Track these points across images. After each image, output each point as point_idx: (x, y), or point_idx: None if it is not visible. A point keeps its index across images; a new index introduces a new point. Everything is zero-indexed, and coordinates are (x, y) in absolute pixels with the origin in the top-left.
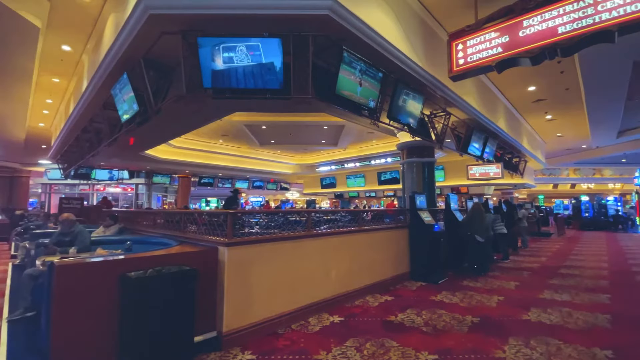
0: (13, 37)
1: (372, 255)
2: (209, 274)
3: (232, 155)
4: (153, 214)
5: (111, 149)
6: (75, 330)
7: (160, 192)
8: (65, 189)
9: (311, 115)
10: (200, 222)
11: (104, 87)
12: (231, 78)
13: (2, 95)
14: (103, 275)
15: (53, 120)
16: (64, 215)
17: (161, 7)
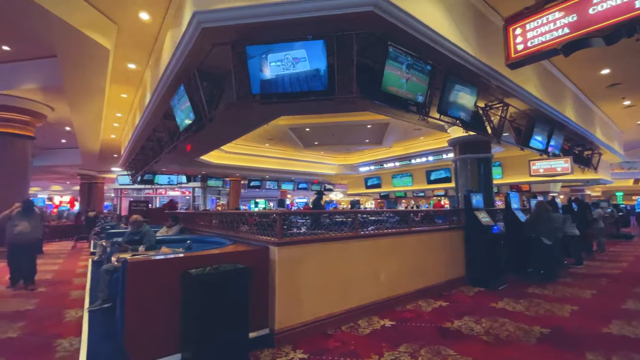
0: (88, 59)
1: (423, 258)
2: (261, 273)
3: (278, 158)
4: (209, 215)
5: (171, 156)
6: (145, 320)
7: (214, 194)
8: (132, 193)
9: (354, 114)
10: (250, 223)
11: (164, 99)
12: (277, 83)
13: (81, 111)
14: (167, 271)
15: (122, 132)
16: (133, 216)
17: (212, 20)
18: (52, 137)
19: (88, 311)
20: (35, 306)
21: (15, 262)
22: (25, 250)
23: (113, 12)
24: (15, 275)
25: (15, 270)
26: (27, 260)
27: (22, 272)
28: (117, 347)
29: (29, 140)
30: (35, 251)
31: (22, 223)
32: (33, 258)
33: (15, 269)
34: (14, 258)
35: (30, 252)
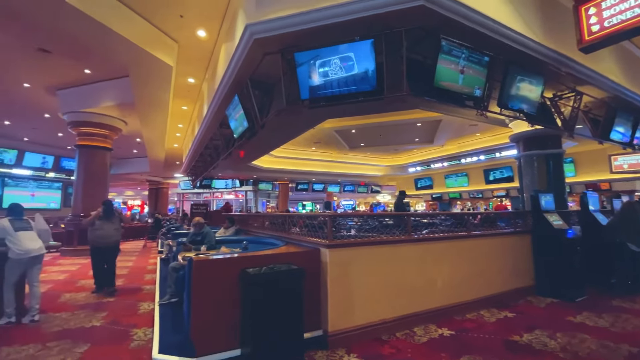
0: (154, 77)
1: (485, 264)
2: (313, 274)
3: (324, 161)
4: (262, 217)
5: (226, 162)
6: (209, 316)
7: (264, 197)
8: (192, 196)
9: (403, 113)
10: (299, 224)
11: (220, 109)
12: (326, 87)
13: (148, 124)
14: (228, 270)
15: (183, 141)
16: (195, 218)
17: (263, 31)
18: (126, 148)
19: (159, 305)
20: (114, 299)
21: (98, 265)
22: (107, 253)
23: (175, 32)
24: (99, 279)
25: (99, 275)
26: (109, 264)
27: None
28: (184, 339)
29: (108, 152)
30: (116, 254)
31: (104, 226)
32: (114, 261)
33: (98, 273)
34: (97, 261)
35: (111, 255)
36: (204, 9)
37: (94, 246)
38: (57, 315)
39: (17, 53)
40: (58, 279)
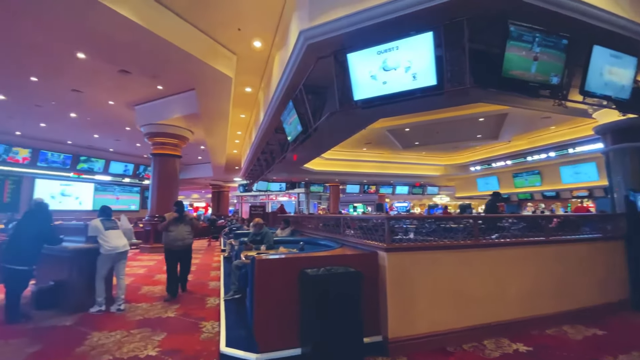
0: (216, 88)
1: (566, 273)
2: (371, 278)
3: (376, 162)
4: (316, 219)
5: (281, 165)
6: (270, 313)
7: (316, 199)
8: (250, 199)
9: (462, 108)
10: (353, 226)
11: (275, 116)
12: (380, 86)
13: (212, 132)
14: (287, 269)
15: (241, 147)
16: (255, 219)
17: (316, 35)
18: (192, 155)
19: (224, 300)
20: (186, 293)
21: (172, 268)
22: (181, 256)
23: (234, 45)
24: (172, 286)
25: (172, 280)
26: (183, 266)
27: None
28: (248, 334)
29: (177, 159)
30: (189, 256)
31: (176, 228)
32: (188, 264)
33: (172, 278)
34: (170, 264)
35: (185, 258)
36: (260, 21)
37: (168, 249)
38: (138, 306)
39: (104, 75)
40: (138, 273)
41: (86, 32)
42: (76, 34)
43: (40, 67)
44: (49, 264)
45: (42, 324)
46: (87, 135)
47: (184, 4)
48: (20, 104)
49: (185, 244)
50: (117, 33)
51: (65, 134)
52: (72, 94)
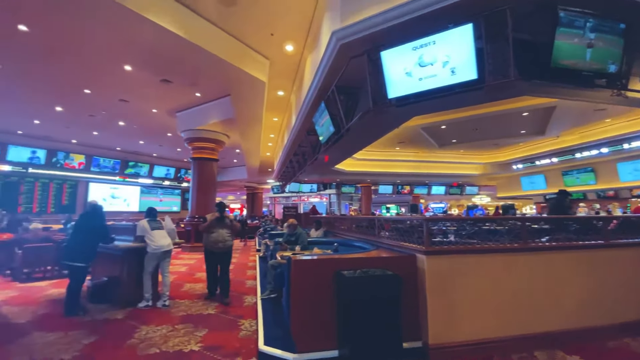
0: (250, 93)
1: (628, 280)
2: (409, 281)
3: (410, 161)
4: (349, 220)
5: (312, 167)
6: (307, 314)
7: (347, 200)
8: (282, 200)
9: (503, 102)
10: (387, 228)
11: (307, 118)
12: (415, 82)
13: (246, 136)
14: (323, 270)
15: (274, 150)
16: (289, 220)
17: (349, 35)
18: (228, 159)
19: (261, 299)
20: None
21: (212, 270)
22: (221, 258)
23: (266, 50)
24: (212, 285)
25: (212, 280)
26: (223, 269)
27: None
28: (285, 334)
29: (215, 162)
30: (229, 259)
31: (217, 229)
32: (227, 267)
33: (212, 279)
34: (210, 265)
35: (225, 260)
36: (292, 25)
37: (208, 250)
38: (181, 302)
39: (148, 85)
40: (180, 271)
41: (132, 45)
42: (124, 47)
43: (92, 80)
44: (102, 261)
45: (96, 317)
46: (133, 141)
47: (219, 13)
48: (75, 115)
49: (226, 246)
50: (159, 45)
51: (114, 141)
52: (120, 103)
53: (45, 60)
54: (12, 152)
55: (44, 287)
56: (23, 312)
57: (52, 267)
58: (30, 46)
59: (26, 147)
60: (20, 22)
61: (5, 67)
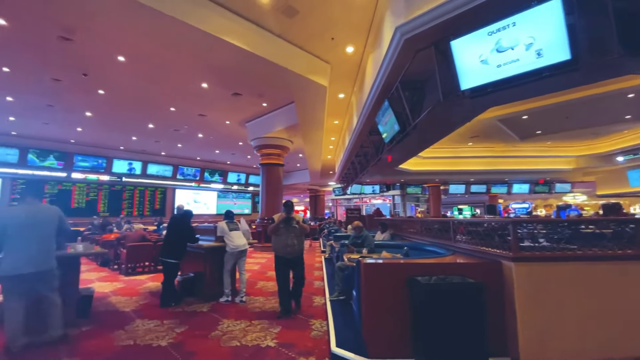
0: (313, 99)
1: None
2: (492, 290)
3: (485, 157)
4: (418, 222)
5: (375, 168)
6: (379, 319)
7: (413, 201)
8: (344, 202)
9: (602, 84)
10: (460, 231)
11: (369, 118)
12: (493, 70)
13: (308, 141)
14: (395, 275)
15: (335, 152)
16: (355, 222)
17: (413, 28)
18: (291, 163)
19: (330, 301)
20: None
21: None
22: (293, 265)
23: (327, 54)
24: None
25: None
26: (296, 277)
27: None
28: (356, 337)
29: (281, 167)
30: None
31: (286, 231)
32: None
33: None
34: (281, 273)
35: (297, 267)
36: (352, 26)
37: (278, 255)
38: (256, 299)
39: (221, 99)
40: (254, 269)
41: (209, 64)
42: (202, 67)
43: (177, 99)
44: (189, 258)
45: (185, 308)
46: (210, 151)
47: (282, 25)
48: (163, 130)
49: (296, 250)
50: (231, 61)
51: (195, 152)
52: (198, 118)
53: (140, 85)
54: (116, 164)
55: (144, 280)
56: (127, 301)
57: (149, 263)
58: (127, 74)
59: (125, 160)
60: (119, 54)
61: (108, 92)
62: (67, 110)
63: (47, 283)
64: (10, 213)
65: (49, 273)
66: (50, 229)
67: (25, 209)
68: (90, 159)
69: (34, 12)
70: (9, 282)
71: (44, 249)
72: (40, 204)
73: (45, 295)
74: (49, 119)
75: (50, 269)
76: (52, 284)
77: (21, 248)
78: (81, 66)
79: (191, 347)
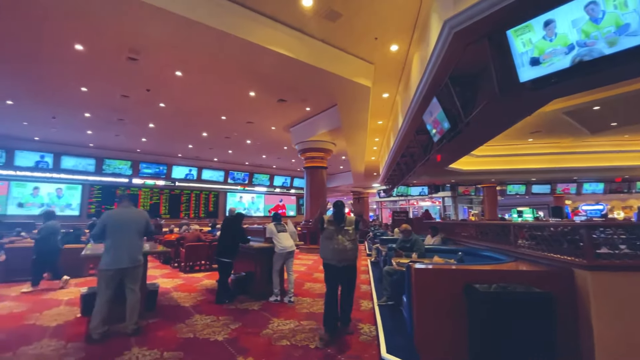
0: (356, 100)
1: None
2: (564, 302)
3: (548, 154)
4: (474, 226)
5: (422, 168)
6: (433, 326)
7: (465, 203)
8: (390, 204)
9: None
10: (522, 236)
11: (416, 116)
12: (558, 58)
13: (352, 142)
14: (449, 281)
15: (379, 154)
16: (403, 225)
17: (463, 21)
18: (334, 166)
19: (378, 305)
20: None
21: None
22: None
23: (371, 55)
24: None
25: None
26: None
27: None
28: (407, 344)
29: (324, 170)
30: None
31: (336, 235)
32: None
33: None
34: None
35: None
36: (396, 24)
37: (326, 263)
38: (304, 300)
39: (267, 106)
40: (300, 270)
41: (256, 73)
42: (249, 76)
43: (227, 108)
44: (241, 258)
45: (238, 306)
46: (258, 156)
47: (325, 29)
48: (215, 137)
49: (349, 258)
50: (276, 69)
51: (244, 157)
52: (247, 125)
53: (195, 97)
54: (175, 171)
55: (200, 277)
56: (187, 297)
57: (205, 262)
58: (184, 87)
59: (184, 167)
60: (177, 69)
61: (168, 105)
62: (134, 123)
63: (135, 277)
64: (111, 214)
65: (139, 268)
66: (140, 229)
67: (122, 211)
68: (153, 166)
69: (106, 37)
70: (108, 274)
71: (136, 247)
72: (133, 208)
73: (131, 288)
74: (120, 131)
75: (140, 264)
76: (139, 278)
77: (120, 245)
78: (145, 83)
79: (245, 343)
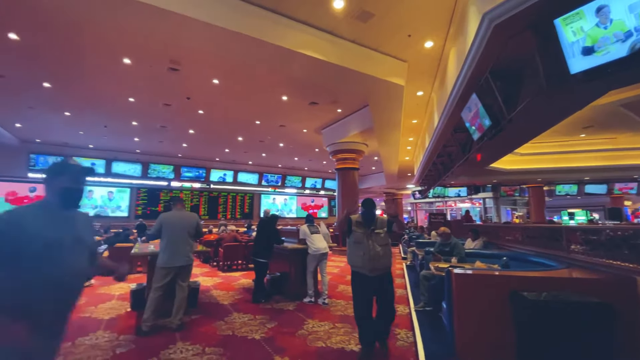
0: (389, 100)
1: None
2: (623, 312)
3: (604, 151)
4: (520, 229)
5: (460, 168)
6: (475, 334)
7: (508, 204)
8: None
9: None
10: (574, 240)
11: (453, 114)
12: (613, 46)
13: (385, 143)
14: (494, 288)
15: (414, 153)
16: (442, 228)
17: (505, 12)
18: (366, 167)
19: (415, 311)
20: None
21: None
22: (377, 287)
23: (403, 52)
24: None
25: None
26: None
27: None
28: (447, 352)
29: (356, 171)
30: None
31: (365, 239)
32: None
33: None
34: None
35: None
36: (431, 20)
37: (355, 271)
38: (338, 302)
39: (299, 109)
40: (333, 272)
41: (288, 77)
42: (282, 81)
43: (261, 113)
44: (276, 259)
45: (274, 305)
46: (290, 158)
47: (356, 30)
48: (250, 141)
49: (382, 266)
50: (308, 72)
51: (277, 160)
52: (279, 128)
53: (231, 103)
54: (213, 174)
55: (237, 277)
56: (225, 295)
57: (241, 261)
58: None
59: (221, 170)
60: (214, 77)
61: (206, 111)
62: (175, 129)
63: (186, 274)
64: (167, 216)
65: (190, 267)
66: (191, 230)
67: (175, 213)
68: (193, 170)
69: (151, 51)
70: (164, 272)
71: (189, 246)
72: (185, 210)
73: (181, 285)
74: (163, 137)
75: (192, 263)
76: (189, 275)
77: (175, 244)
78: (185, 91)
79: (281, 343)
